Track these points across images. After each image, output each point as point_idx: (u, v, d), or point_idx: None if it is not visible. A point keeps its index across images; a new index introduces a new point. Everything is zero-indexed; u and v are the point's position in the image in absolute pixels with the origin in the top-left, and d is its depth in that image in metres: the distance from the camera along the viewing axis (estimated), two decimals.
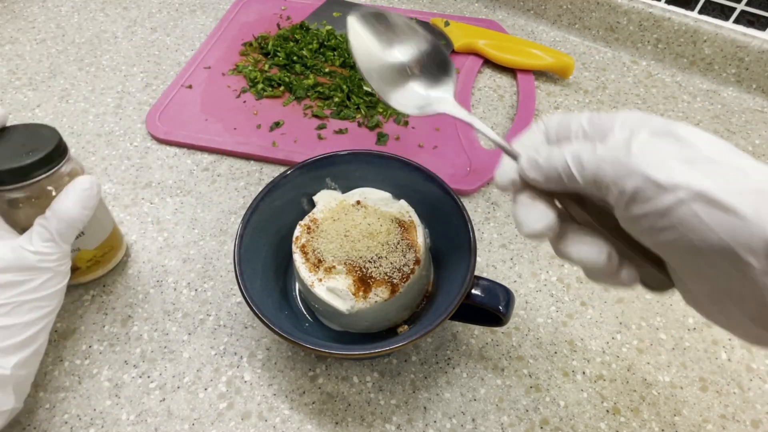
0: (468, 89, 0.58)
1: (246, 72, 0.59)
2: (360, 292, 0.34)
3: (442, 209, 0.38)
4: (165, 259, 0.43)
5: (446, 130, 0.54)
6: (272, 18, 0.67)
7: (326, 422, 0.35)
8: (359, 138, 0.53)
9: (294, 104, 0.56)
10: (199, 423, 0.35)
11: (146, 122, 0.54)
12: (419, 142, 0.53)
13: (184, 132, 0.53)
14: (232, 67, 0.60)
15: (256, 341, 0.39)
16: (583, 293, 0.42)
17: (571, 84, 0.60)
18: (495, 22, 0.67)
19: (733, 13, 0.57)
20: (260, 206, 0.37)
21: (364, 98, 0.56)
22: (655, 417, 0.36)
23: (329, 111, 0.55)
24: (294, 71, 0.59)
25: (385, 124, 0.54)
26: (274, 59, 0.60)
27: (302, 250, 0.36)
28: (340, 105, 0.56)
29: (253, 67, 0.59)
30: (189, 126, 0.54)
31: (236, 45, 0.63)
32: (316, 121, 0.54)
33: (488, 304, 0.33)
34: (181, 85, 0.58)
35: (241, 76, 0.59)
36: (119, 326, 0.39)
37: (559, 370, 0.38)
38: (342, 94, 0.56)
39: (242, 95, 0.57)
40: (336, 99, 0.56)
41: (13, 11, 0.68)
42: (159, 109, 0.55)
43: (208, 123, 0.54)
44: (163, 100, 0.56)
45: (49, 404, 0.36)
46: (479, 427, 0.35)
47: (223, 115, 0.55)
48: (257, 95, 0.57)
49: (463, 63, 0.62)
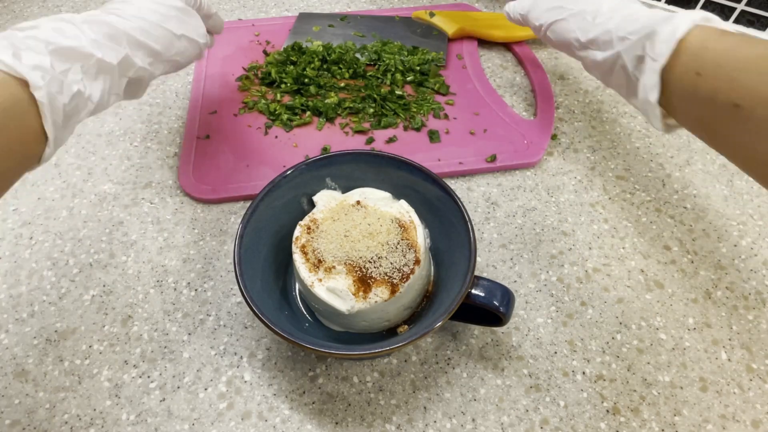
0: (482, 73, 0.60)
1: (261, 107, 0.55)
2: (360, 293, 0.34)
3: (442, 209, 0.38)
4: (165, 259, 0.43)
5: (485, 113, 0.55)
6: (250, 46, 0.64)
7: (326, 422, 0.35)
8: (411, 142, 0.52)
9: (328, 126, 0.54)
10: (199, 423, 0.35)
11: (181, 184, 0.48)
12: (470, 130, 0.53)
13: (233, 185, 0.48)
14: (240, 105, 0.56)
15: (256, 341, 0.39)
16: (583, 293, 0.42)
17: (571, 84, 0.60)
18: (466, 4, 0.70)
19: (733, 13, 0.57)
20: (260, 206, 0.37)
21: (398, 102, 0.55)
22: (655, 417, 0.36)
23: (368, 123, 0.54)
24: (309, 93, 0.56)
25: (428, 121, 0.54)
26: (281, 86, 0.57)
27: (302, 251, 0.36)
28: (376, 115, 0.54)
29: (266, 100, 0.56)
30: (233, 177, 0.49)
31: (229, 82, 0.59)
32: (362, 136, 0.53)
33: (488, 304, 0.33)
34: (197, 137, 0.52)
35: (255, 113, 0.55)
36: (119, 326, 0.39)
37: (559, 370, 0.38)
38: (375, 104, 0.55)
39: (269, 131, 0.53)
40: (370, 110, 0.55)
41: (13, 11, 0.68)
42: (189, 169, 0.49)
43: (251, 169, 0.50)
44: (188, 158, 0.50)
45: (49, 404, 0.36)
46: (479, 427, 0.35)
47: (262, 156, 0.51)
48: (286, 127, 0.54)
49: (461, 48, 0.63)
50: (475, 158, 0.51)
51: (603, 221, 0.47)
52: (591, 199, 0.48)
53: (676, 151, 0.53)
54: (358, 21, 0.66)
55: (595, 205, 0.48)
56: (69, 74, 0.27)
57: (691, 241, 0.45)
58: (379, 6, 0.70)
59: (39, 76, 0.24)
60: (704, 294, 0.42)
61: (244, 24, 0.67)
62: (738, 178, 0.50)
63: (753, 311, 0.41)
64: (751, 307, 0.41)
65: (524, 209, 0.48)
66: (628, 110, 0.57)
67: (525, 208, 0.48)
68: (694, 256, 0.44)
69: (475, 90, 0.58)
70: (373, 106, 0.55)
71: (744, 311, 0.41)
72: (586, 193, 0.49)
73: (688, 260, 0.44)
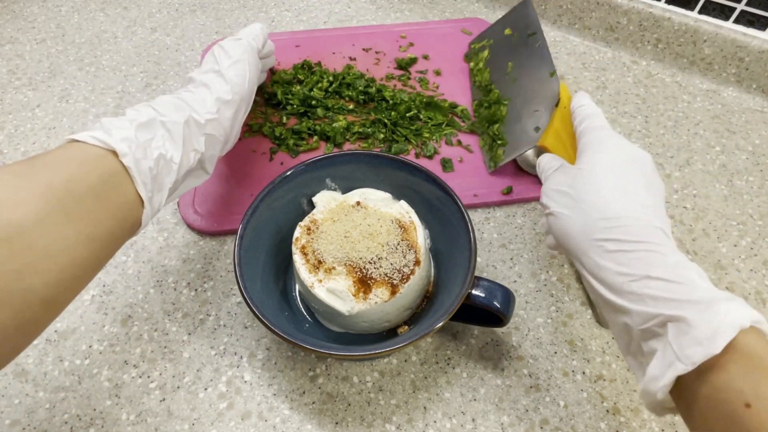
0: None
1: (266, 131, 0.52)
2: (360, 293, 0.34)
3: (442, 209, 0.38)
4: (165, 259, 0.43)
5: None
6: None
7: (326, 422, 0.35)
8: None
9: (336, 152, 0.48)
10: (199, 423, 0.35)
11: (183, 217, 0.46)
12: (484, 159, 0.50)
13: (236, 217, 0.45)
14: (244, 128, 0.52)
15: (256, 341, 0.39)
16: (583, 293, 0.42)
17: (572, 84, 0.60)
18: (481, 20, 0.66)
19: (733, 13, 0.57)
20: (260, 207, 0.37)
21: (410, 128, 0.52)
22: (655, 417, 0.36)
23: (378, 149, 0.51)
24: (316, 116, 0.53)
25: (441, 148, 0.52)
26: (288, 108, 0.53)
27: (302, 251, 0.36)
28: (386, 140, 0.52)
29: (271, 123, 0.52)
30: (236, 209, 0.46)
31: None
32: None
33: (489, 305, 0.33)
34: None
35: (260, 136, 0.52)
36: (119, 326, 0.40)
37: (559, 370, 0.38)
38: (386, 129, 0.52)
39: (275, 156, 0.50)
40: (380, 135, 0.52)
41: (13, 11, 0.68)
42: (190, 201, 0.46)
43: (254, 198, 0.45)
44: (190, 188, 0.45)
45: (49, 404, 0.36)
46: (479, 427, 0.35)
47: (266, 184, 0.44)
48: (292, 153, 0.50)
49: None
50: (490, 190, 0.48)
51: None
52: None
53: (676, 151, 0.53)
54: None
55: None
56: (152, 142, 0.31)
57: (691, 241, 0.45)
58: (378, 6, 0.70)
59: (126, 145, 0.29)
60: None
61: None
62: (738, 178, 0.50)
63: None
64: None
65: (524, 209, 0.48)
66: (627, 110, 0.57)
67: (525, 208, 0.48)
68: (694, 256, 0.44)
69: None
70: (383, 132, 0.52)
71: None
72: None
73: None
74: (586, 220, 0.29)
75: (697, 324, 0.23)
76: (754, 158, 0.52)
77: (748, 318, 0.22)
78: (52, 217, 0.25)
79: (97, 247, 0.27)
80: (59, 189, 0.26)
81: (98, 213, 0.27)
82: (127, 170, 0.29)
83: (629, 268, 0.26)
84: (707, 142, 0.54)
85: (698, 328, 0.22)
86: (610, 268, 0.27)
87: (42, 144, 0.52)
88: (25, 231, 0.24)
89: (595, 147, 0.32)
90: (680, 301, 0.24)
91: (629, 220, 0.28)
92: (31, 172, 0.26)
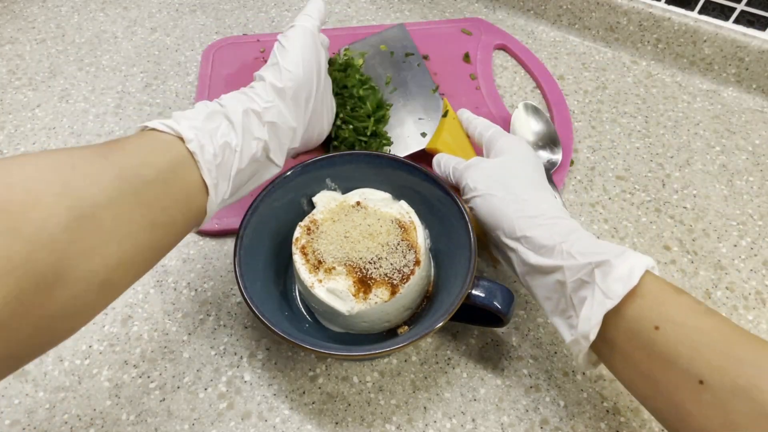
0: (496, 95, 0.58)
1: None
2: (360, 294, 0.34)
3: (442, 209, 0.38)
4: (165, 259, 0.43)
5: None
6: (254, 63, 0.59)
7: (326, 422, 0.35)
8: None
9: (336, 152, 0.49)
10: (199, 423, 0.35)
11: None
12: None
13: (236, 217, 0.43)
14: None
15: (256, 341, 0.39)
16: None
17: (571, 84, 0.60)
18: (482, 20, 0.66)
19: (733, 13, 0.57)
20: (260, 207, 0.37)
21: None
22: (655, 419, 0.36)
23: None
24: None
25: None
26: None
27: (302, 251, 0.36)
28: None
29: None
30: (236, 209, 0.44)
31: None
32: None
33: (489, 305, 0.33)
34: None
35: None
36: (119, 326, 0.40)
37: (559, 370, 0.38)
38: None
39: None
40: None
41: (13, 11, 0.68)
42: None
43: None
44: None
45: (49, 404, 0.36)
46: (479, 427, 0.35)
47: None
48: None
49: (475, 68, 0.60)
50: None
51: (603, 221, 0.47)
52: (591, 199, 0.48)
53: (676, 151, 0.53)
54: None
55: (595, 205, 0.48)
56: (217, 131, 0.32)
57: (691, 241, 0.45)
58: (378, 6, 0.70)
59: (192, 132, 0.30)
60: (704, 294, 0.42)
61: (249, 39, 0.63)
62: (738, 178, 0.50)
63: (753, 311, 0.41)
64: (751, 307, 0.41)
65: None
66: (627, 110, 0.57)
67: None
68: (694, 256, 0.44)
69: (489, 114, 0.55)
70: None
71: (744, 311, 0.41)
72: (586, 193, 0.49)
73: (688, 260, 0.44)
74: (516, 199, 0.34)
75: (617, 265, 0.28)
76: (754, 158, 0.52)
77: (649, 261, 0.29)
78: (123, 198, 0.25)
79: (158, 235, 0.28)
80: (132, 172, 0.26)
81: (164, 199, 0.28)
82: (192, 156, 0.29)
83: (558, 234, 0.32)
84: (707, 142, 0.54)
85: (618, 268, 0.28)
86: (541, 234, 0.32)
87: (42, 144, 0.52)
88: (98, 209, 0.24)
89: (509, 148, 0.39)
90: (601, 252, 0.29)
91: (547, 202, 0.35)
92: (108, 152, 0.26)
